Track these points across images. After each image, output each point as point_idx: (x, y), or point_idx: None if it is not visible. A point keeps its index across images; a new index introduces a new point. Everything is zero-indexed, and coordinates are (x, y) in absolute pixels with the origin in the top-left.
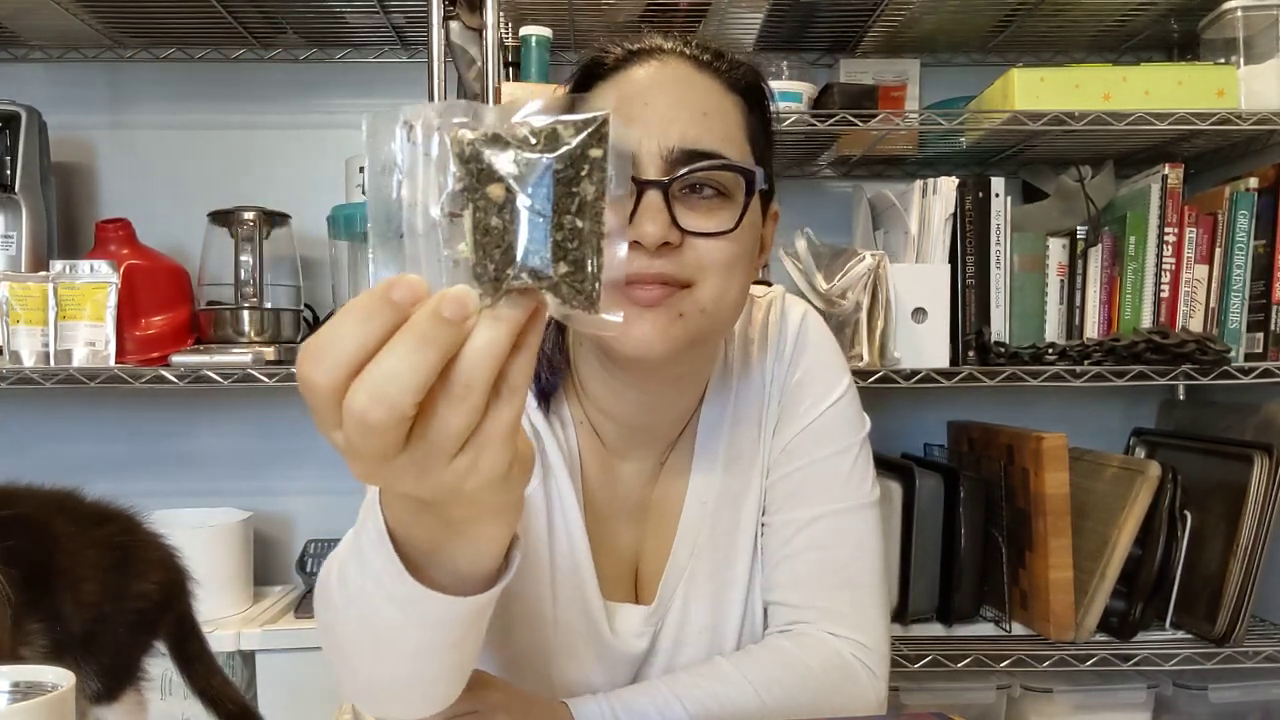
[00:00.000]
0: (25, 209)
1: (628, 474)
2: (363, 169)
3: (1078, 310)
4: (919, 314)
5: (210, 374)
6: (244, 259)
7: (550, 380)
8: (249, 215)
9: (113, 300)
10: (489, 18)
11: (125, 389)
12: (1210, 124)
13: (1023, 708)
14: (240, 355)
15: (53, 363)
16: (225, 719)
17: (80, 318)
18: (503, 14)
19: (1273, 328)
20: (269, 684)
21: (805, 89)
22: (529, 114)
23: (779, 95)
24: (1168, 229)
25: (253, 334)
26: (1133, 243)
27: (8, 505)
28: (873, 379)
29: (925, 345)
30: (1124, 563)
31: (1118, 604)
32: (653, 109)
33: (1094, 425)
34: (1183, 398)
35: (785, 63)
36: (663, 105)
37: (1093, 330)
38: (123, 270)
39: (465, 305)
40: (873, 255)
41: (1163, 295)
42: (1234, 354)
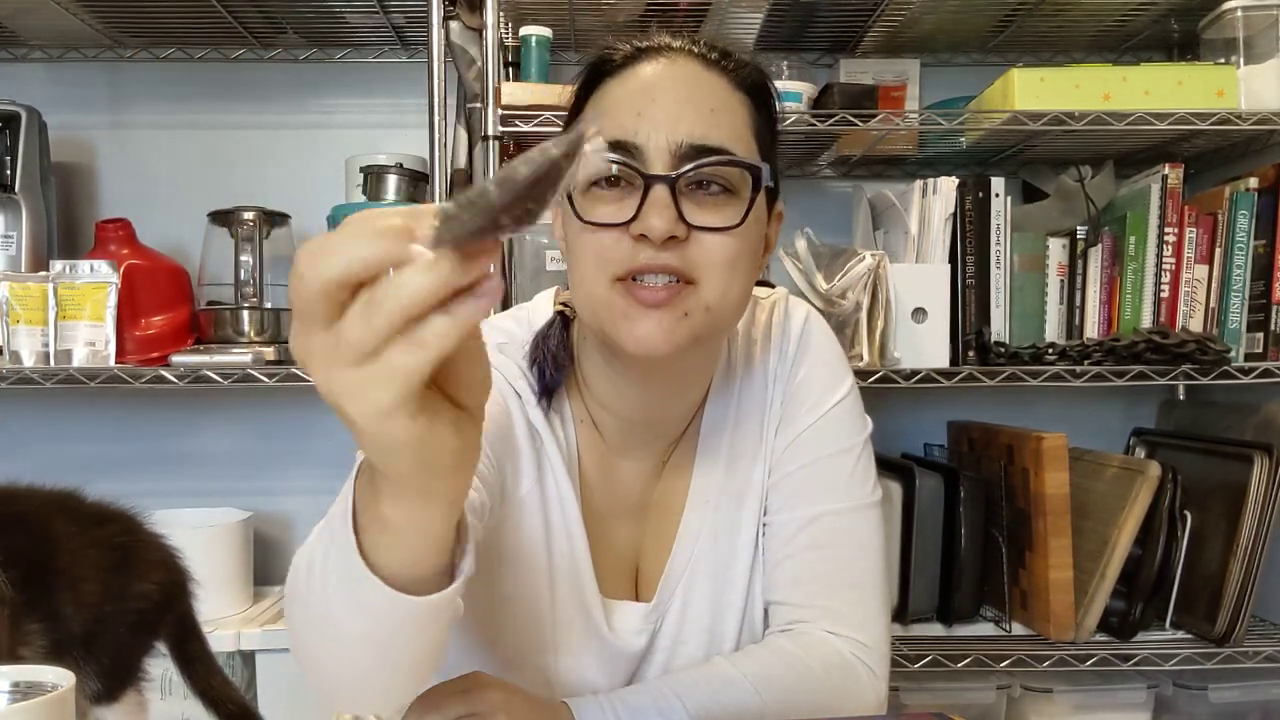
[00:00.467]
0: (25, 209)
1: (629, 472)
2: (362, 169)
3: (1078, 310)
4: (919, 314)
5: (210, 374)
6: (244, 259)
7: (554, 376)
8: (249, 215)
9: (113, 300)
10: (489, 18)
11: (125, 389)
12: (1210, 124)
13: (1023, 708)
14: (240, 355)
15: (53, 363)
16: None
17: (80, 318)
18: (503, 14)
19: (1273, 328)
20: (269, 684)
21: (805, 89)
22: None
23: (779, 96)
24: (1168, 229)
25: (253, 334)
26: (1133, 243)
27: (7, 505)
28: (873, 379)
29: (925, 345)
30: (1124, 563)
31: (1118, 604)
32: (660, 105)
33: (1094, 425)
34: (1183, 398)
35: (785, 63)
36: (670, 101)
37: (1093, 330)
38: (123, 270)
39: (416, 226)
40: (873, 255)
41: (1163, 295)
42: (1234, 354)
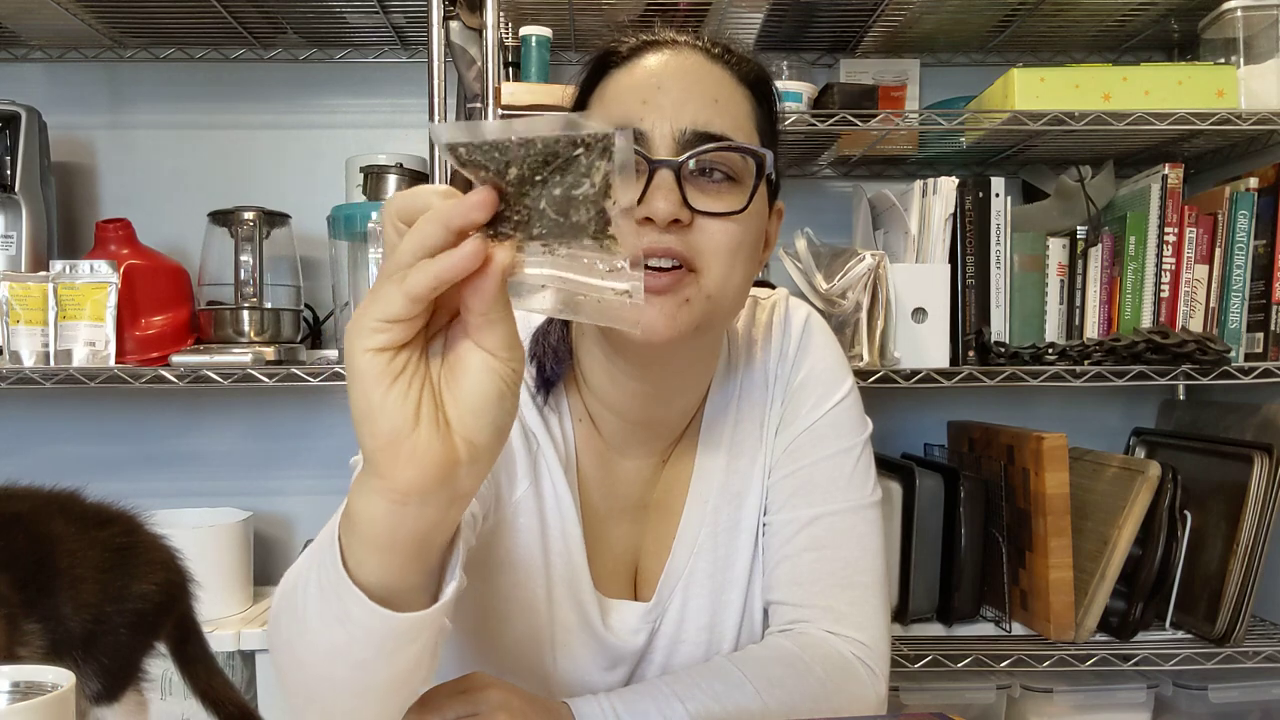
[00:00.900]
0: (25, 209)
1: (628, 472)
2: (362, 169)
3: (1078, 310)
4: (919, 314)
5: (210, 374)
6: (244, 259)
7: (554, 369)
8: (249, 215)
9: (113, 300)
10: (489, 18)
11: (125, 389)
12: (1210, 124)
13: (1023, 708)
14: (240, 355)
15: (53, 363)
16: None
17: (80, 318)
18: (503, 14)
19: (1273, 328)
20: (269, 684)
21: (805, 89)
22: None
23: (779, 96)
24: (1168, 229)
25: (253, 334)
26: (1133, 243)
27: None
28: (873, 379)
29: (925, 345)
30: (1124, 563)
31: (1118, 604)
32: (665, 93)
33: (1094, 425)
34: (1183, 398)
35: (785, 63)
36: (675, 90)
37: (1093, 330)
38: (123, 270)
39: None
40: (873, 255)
41: (1163, 295)
42: (1234, 354)
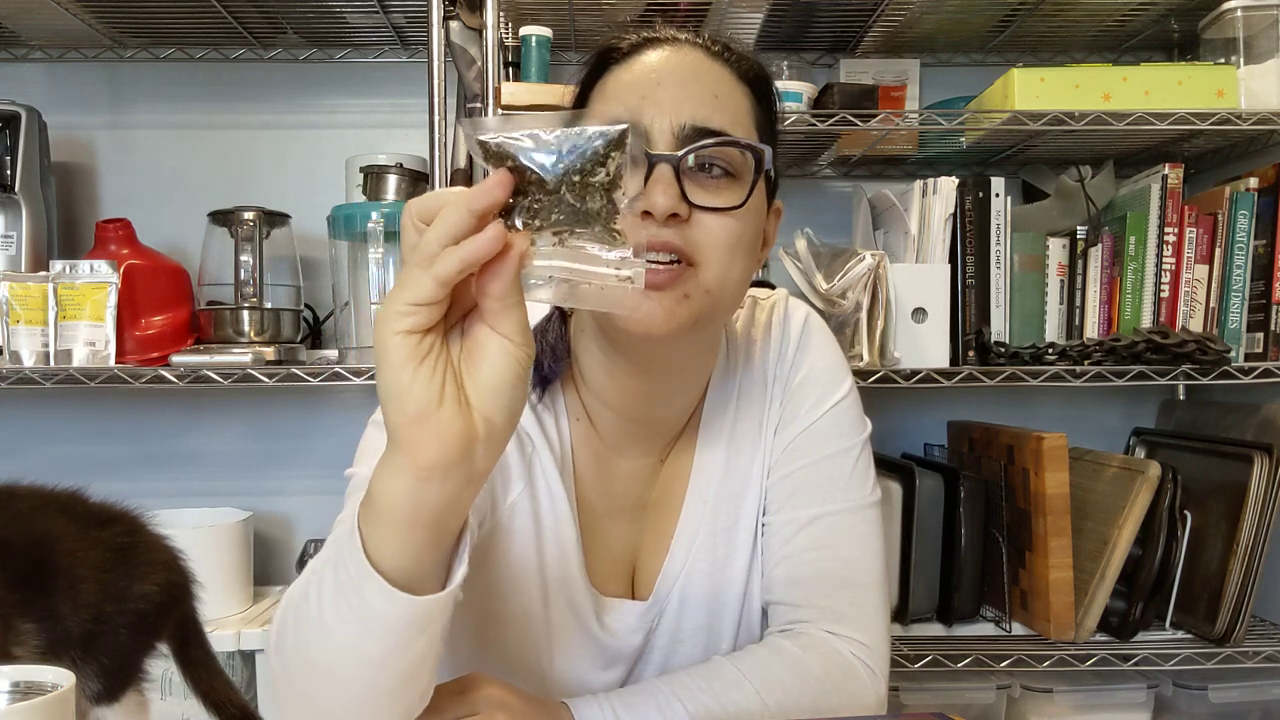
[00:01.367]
0: (25, 209)
1: (626, 471)
2: (362, 169)
3: (1078, 310)
4: (919, 314)
5: (210, 374)
6: (244, 259)
7: (552, 368)
8: (249, 215)
9: (113, 300)
10: (489, 18)
11: (125, 389)
12: (1210, 124)
13: (1023, 708)
14: (240, 355)
15: (53, 363)
16: None
17: (80, 318)
18: (503, 14)
19: (1273, 328)
20: (269, 684)
21: (805, 89)
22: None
23: (779, 96)
24: (1168, 229)
25: (253, 334)
26: (1133, 243)
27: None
28: (873, 379)
29: (925, 345)
30: (1124, 563)
31: (1118, 604)
32: (665, 89)
33: (1094, 425)
34: (1183, 398)
35: (785, 63)
36: (675, 85)
37: (1093, 330)
38: (123, 270)
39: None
40: (873, 255)
41: (1163, 295)
42: (1234, 354)
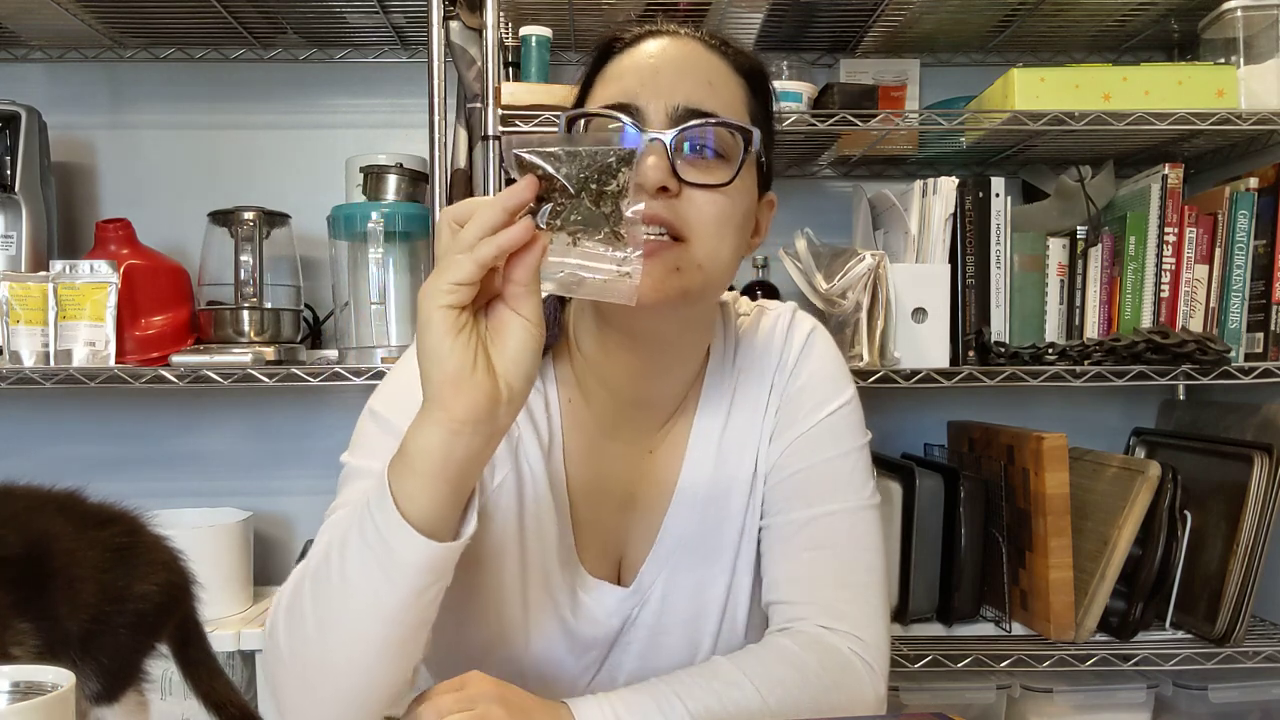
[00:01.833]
0: (25, 209)
1: (616, 457)
2: (362, 169)
3: (1078, 310)
4: (919, 314)
5: (210, 374)
6: (244, 259)
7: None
8: (249, 215)
9: (113, 300)
10: (489, 18)
11: (125, 389)
12: (1210, 124)
13: (1023, 708)
14: (240, 355)
15: (53, 363)
16: None
17: (80, 318)
18: (503, 14)
19: (1273, 328)
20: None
21: (805, 89)
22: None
23: (779, 95)
24: (1168, 229)
25: (253, 334)
26: (1133, 243)
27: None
28: (873, 379)
29: (925, 345)
30: (1124, 563)
31: (1118, 604)
32: (662, 73)
33: (1094, 425)
34: (1183, 398)
35: (785, 63)
36: (671, 71)
37: (1093, 330)
38: (123, 270)
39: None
40: (873, 255)
41: (1163, 295)
42: (1234, 354)
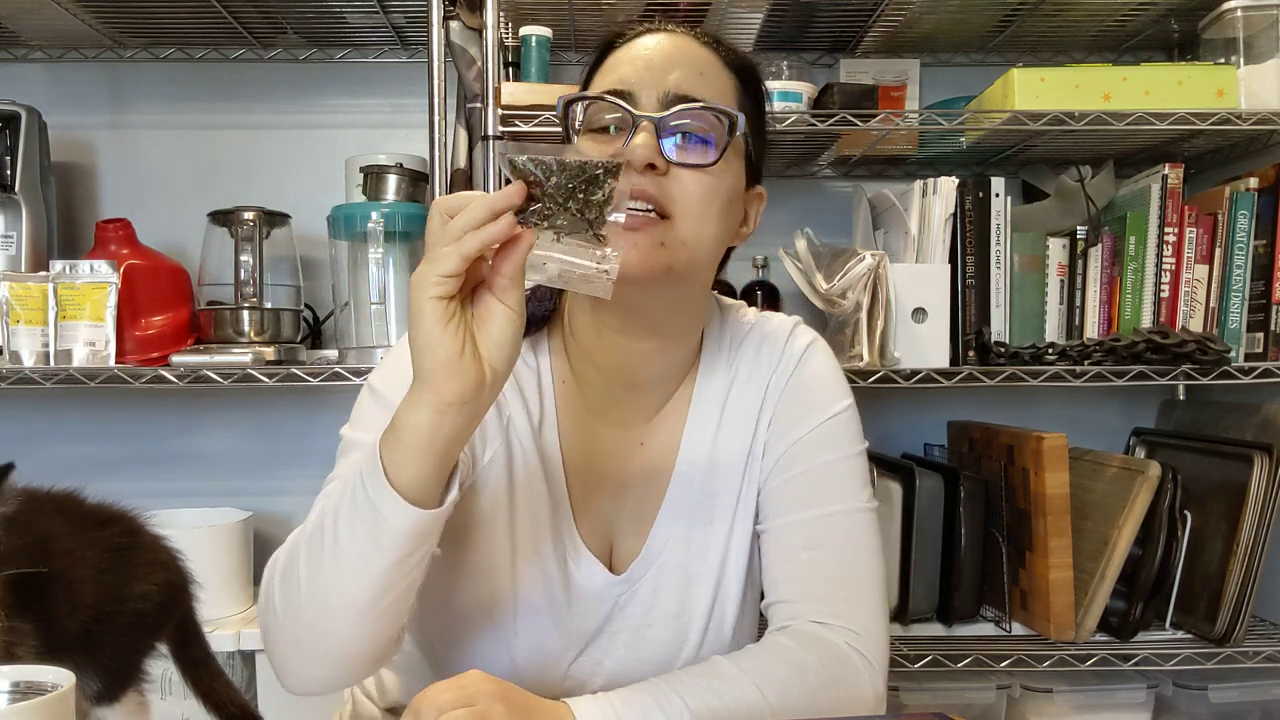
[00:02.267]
0: (25, 209)
1: (607, 440)
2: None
3: (1078, 310)
4: (919, 314)
5: (210, 374)
6: (244, 259)
7: (536, 307)
8: (249, 215)
9: (113, 300)
10: (489, 18)
11: (125, 389)
12: (1210, 124)
13: (1023, 708)
14: (240, 355)
15: (53, 363)
16: None
17: (80, 318)
18: (503, 14)
19: (1273, 328)
20: (269, 684)
21: (805, 89)
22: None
23: (779, 95)
24: (1168, 229)
25: (253, 334)
26: (1133, 243)
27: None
28: (873, 379)
29: (925, 345)
30: (1124, 563)
31: (1118, 604)
32: (656, 62)
33: (1094, 425)
34: (1183, 398)
35: (785, 63)
36: (664, 60)
37: (1093, 330)
38: (123, 270)
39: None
40: (873, 255)
41: (1163, 295)
42: (1234, 354)
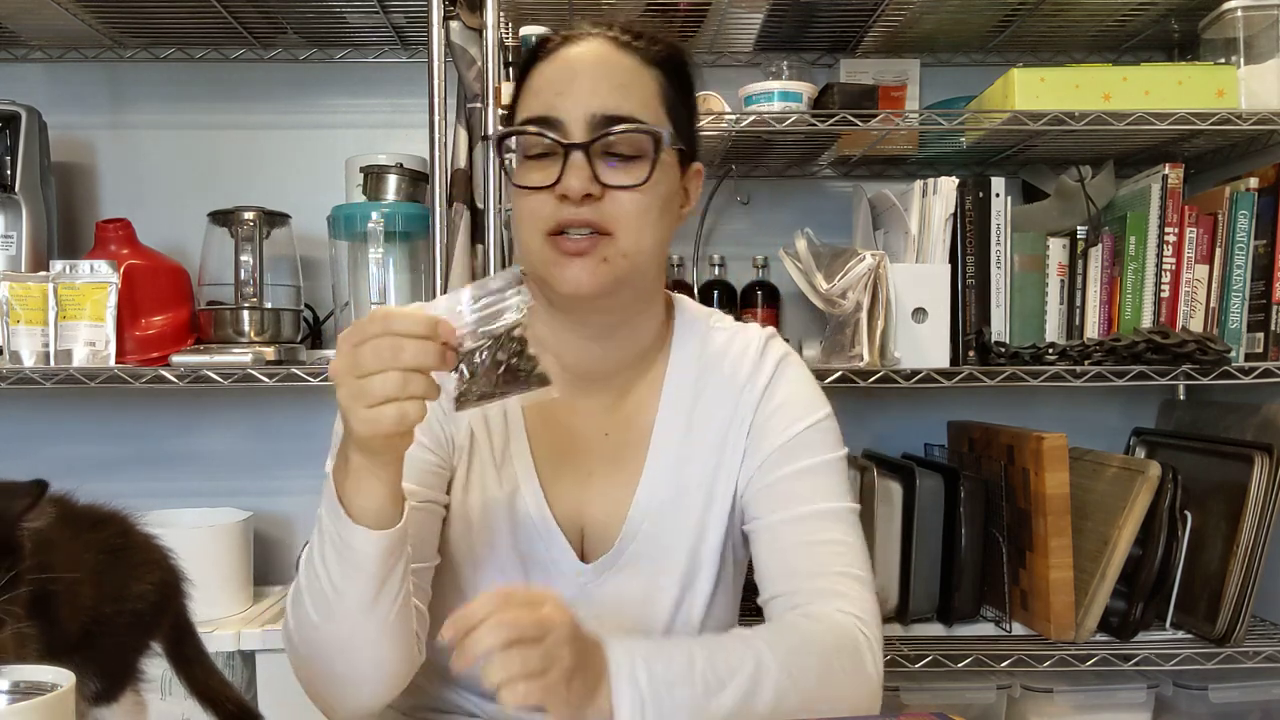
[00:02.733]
0: (25, 209)
1: (574, 430)
2: (362, 169)
3: (1078, 310)
4: (919, 314)
5: (210, 374)
6: (244, 259)
7: None
8: (249, 215)
9: (113, 300)
10: (489, 18)
11: (125, 389)
12: (1210, 124)
13: (1023, 708)
14: (240, 355)
15: (53, 363)
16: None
17: (80, 318)
18: (503, 14)
19: (1273, 328)
20: (269, 684)
21: (805, 89)
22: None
23: (779, 95)
24: (1168, 229)
25: (253, 334)
26: (1133, 243)
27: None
28: (873, 379)
29: (925, 345)
30: (1124, 563)
31: (1118, 604)
32: (578, 83)
33: (1094, 425)
34: (1183, 398)
35: (785, 63)
36: (586, 79)
37: (1093, 330)
38: (123, 270)
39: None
40: (873, 255)
41: (1163, 295)
42: (1234, 354)
